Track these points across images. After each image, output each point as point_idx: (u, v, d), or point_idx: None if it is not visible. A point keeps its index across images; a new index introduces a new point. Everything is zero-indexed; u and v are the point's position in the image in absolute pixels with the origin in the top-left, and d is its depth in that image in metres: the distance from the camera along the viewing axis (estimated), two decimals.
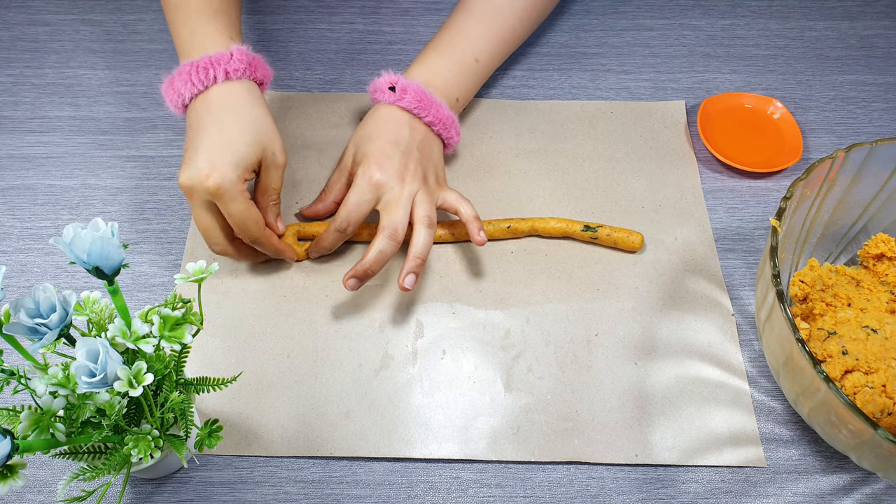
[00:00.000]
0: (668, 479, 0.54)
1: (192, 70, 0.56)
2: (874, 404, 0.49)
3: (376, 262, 0.57)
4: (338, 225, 0.59)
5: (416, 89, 0.62)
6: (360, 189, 0.58)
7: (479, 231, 0.59)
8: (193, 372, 0.57)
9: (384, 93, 0.62)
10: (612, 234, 0.63)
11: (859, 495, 0.54)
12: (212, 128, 0.55)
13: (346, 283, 0.58)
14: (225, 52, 0.56)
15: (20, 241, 0.64)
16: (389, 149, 0.60)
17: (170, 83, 0.58)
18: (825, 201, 0.58)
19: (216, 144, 0.54)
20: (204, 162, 0.53)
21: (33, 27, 0.80)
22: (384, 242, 0.57)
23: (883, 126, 0.74)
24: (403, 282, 0.57)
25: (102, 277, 0.40)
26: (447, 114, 0.63)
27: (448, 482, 0.54)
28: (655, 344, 0.60)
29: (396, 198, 0.58)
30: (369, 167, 0.59)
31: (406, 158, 0.60)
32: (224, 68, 0.56)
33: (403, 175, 0.59)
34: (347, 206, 0.59)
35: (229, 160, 0.54)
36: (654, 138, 0.72)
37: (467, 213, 0.60)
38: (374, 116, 0.63)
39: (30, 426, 0.39)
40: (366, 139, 0.61)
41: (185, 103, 0.57)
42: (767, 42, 0.81)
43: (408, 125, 0.62)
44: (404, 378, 0.58)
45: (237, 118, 0.55)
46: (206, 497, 0.53)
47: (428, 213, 0.59)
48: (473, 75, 0.68)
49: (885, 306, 0.56)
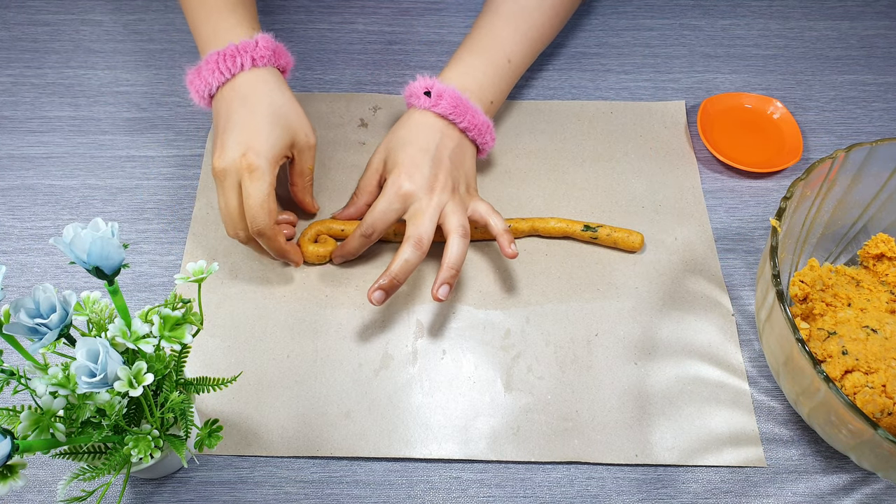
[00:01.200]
0: (668, 479, 0.54)
1: (220, 59, 0.57)
2: (874, 404, 0.49)
3: (402, 271, 0.57)
4: (363, 230, 0.59)
5: (451, 95, 0.61)
6: (389, 198, 0.58)
7: (509, 244, 0.59)
8: (193, 372, 0.57)
9: (419, 98, 0.62)
10: (612, 233, 0.63)
11: (859, 495, 0.54)
12: (242, 112, 0.56)
13: (371, 296, 0.56)
14: (250, 41, 0.58)
15: (20, 241, 0.64)
16: (420, 157, 0.59)
17: (196, 73, 0.59)
18: (825, 201, 0.58)
19: (249, 128, 0.56)
20: (239, 144, 0.55)
21: (33, 27, 0.80)
22: (409, 252, 0.57)
23: (883, 126, 0.74)
24: (437, 292, 0.57)
25: (102, 277, 0.40)
26: (482, 119, 0.63)
27: (448, 482, 0.54)
28: (655, 344, 0.60)
29: (424, 208, 0.58)
30: (399, 176, 0.59)
31: (436, 168, 0.60)
32: (251, 55, 0.57)
33: (433, 185, 0.59)
34: (374, 213, 0.59)
35: (263, 142, 0.56)
36: (654, 138, 0.72)
37: (497, 227, 0.60)
38: (407, 122, 0.62)
39: (30, 426, 0.39)
40: (398, 145, 0.61)
41: (212, 93, 0.59)
42: (767, 42, 0.81)
43: (440, 132, 0.61)
44: (404, 378, 0.58)
45: (266, 103, 0.57)
46: (206, 497, 0.53)
47: (461, 222, 0.58)
48: (506, 77, 0.67)
49: (885, 306, 0.56)
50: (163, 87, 0.75)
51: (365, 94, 0.75)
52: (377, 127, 0.72)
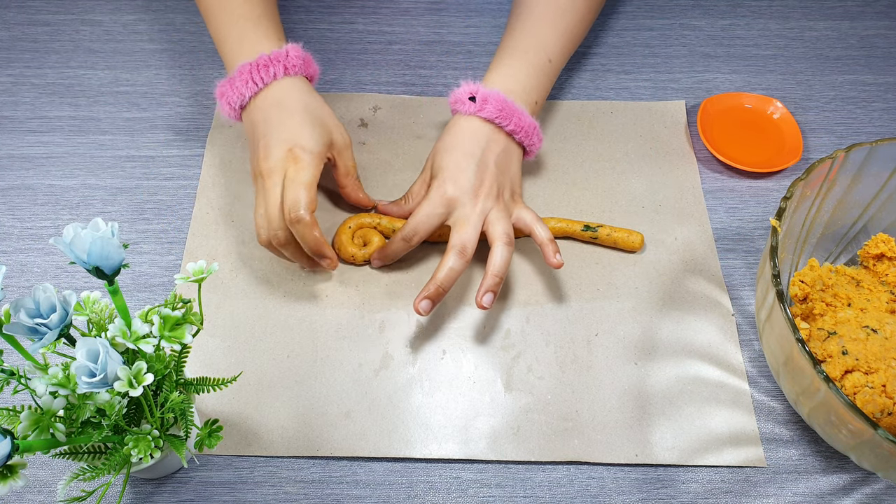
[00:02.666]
0: (668, 479, 0.54)
1: (252, 69, 0.58)
2: (874, 404, 0.49)
3: (447, 279, 0.57)
4: (405, 234, 0.59)
5: (496, 98, 0.61)
6: (433, 202, 0.58)
7: (554, 254, 0.58)
8: (193, 372, 0.57)
9: (464, 104, 0.62)
10: (612, 233, 0.63)
11: (859, 495, 0.54)
12: (281, 116, 0.58)
13: (417, 305, 0.56)
14: (281, 51, 0.59)
15: (20, 241, 0.64)
16: (465, 162, 0.59)
17: (229, 85, 0.59)
18: (825, 201, 0.58)
19: (291, 129, 0.57)
20: (284, 142, 0.56)
21: (33, 27, 0.80)
22: (454, 260, 0.57)
23: (883, 126, 0.74)
24: (482, 300, 0.56)
25: (102, 277, 0.40)
26: (529, 121, 0.62)
27: (448, 482, 0.54)
28: (655, 344, 0.60)
29: (468, 215, 0.58)
30: (444, 182, 0.59)
31: (482, 173, 0.59)
32: (283, 64, 0.59)
33: (478, 191, 0.59)
34: (417, 217, 0.59)
35: (307, 139, 0.57)
36: (654, 138, 0.72)
37: (542, 236, 0.59)
38: (453, 128, 0.62)
39: (30, 426, 0.39)
40: (443, 151, 0.61)
41: (244, 104, 0.59)
42: (767, 42, 0.81)
43: (486, 137, 0.61)
44: (404, 378, 0.58)
45: (302, 106, 0.58)
46: (206, 497, 0.53)
47: (506, 230, 0.58)
48: (548, 76, 0.67)
49: (885, 306, 0.56)
50: (163, 87, 0.75)
51: (365, 94, 0.75)
52: (377, 127, 0.72)
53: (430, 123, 0.73)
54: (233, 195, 0.67)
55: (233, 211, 0.66)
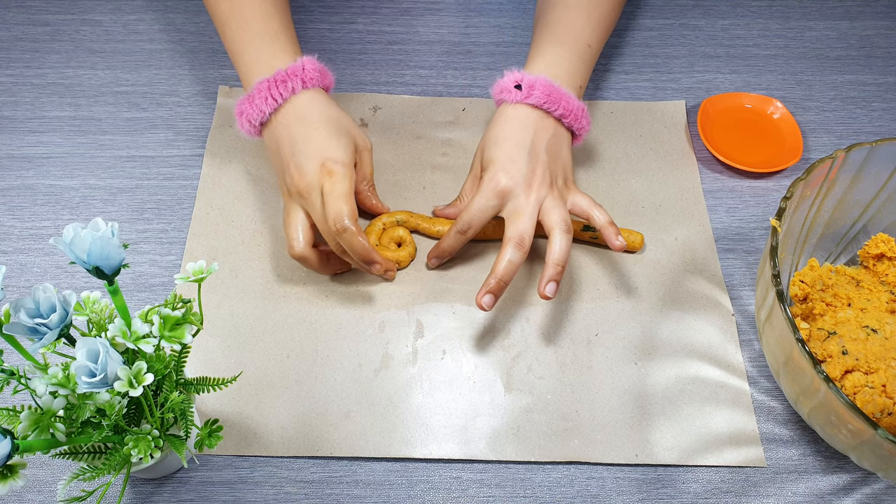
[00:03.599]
0: (668, 479, 0.54)
1: (271, 85, 0.58)
2: (874, 404, 0.49)
3: (507, 272, 0.56)
4: (459, 227, 0.59)
5: (543, 83, 0.60)
6: (486, 195, 0.58)
7: (616, 236, 0.58)
8: (193, 372, 0.57)
9: (511, 92, 0.61)
10: None
11: (859, 495, 0.54)
12: (306, 130, 0.58)
13: (480, 301, 0.56)
14: (297, 65, 0.59)
15: (20, 241, 0.64)
16: (516, 152, 0.59)
17: (249, 102, 0.59)
18: (825, 201, 0.58)
19: (319, 142, 0.57)
20: (315, 159, 0.56)
21: (33, 27, 0.80)
22: (512, 252, 0.56)
23: (883, 126, 0.74)
24: (545, 290, 0.56)
25: (102, 277, 0.40)
26: (577, 104, 0.62)
27: (448, 482, 0.54)
28: (655, 344, 0.60)
29: (522, 206, 0.57)
30: (496, 173, 0.58)
31: (533, 162, 0.59)
32: (301, 78, 0.59)
33: (531, 181, 0.58)
34: (471, 210, 0.58)
35: (336, 150, 0.57)
36: (654, 138, 0.72)
37: (601, 220, 0.59)
38: (500, 118, 0.61)
39: (30, 426, 0.39)
40: (492, 143, 0.60)
41: (264, 121, 0.59)
42: (767, 42, 0.81)
43: (535, 125, 0.60)
44: (404, 378, 0.58)
45: (325, 118, 0.58)
46: (206, 497, 0.53)
47: (563, 217, 0.57)
48: (589, 62, 0.66)
49: (885, 306, 0.56)
50: (163, 87, 0.75)
51: (365, 94, 0.75)
52: (377, 127, 0.72)
53: (430, 123, 0.73)
54: (233, 195, 0.67)
55: (233, 211, 0.66)
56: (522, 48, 0.79)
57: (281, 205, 0.66)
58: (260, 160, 0.69)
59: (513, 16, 0.83)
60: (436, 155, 0.70)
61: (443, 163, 0.70)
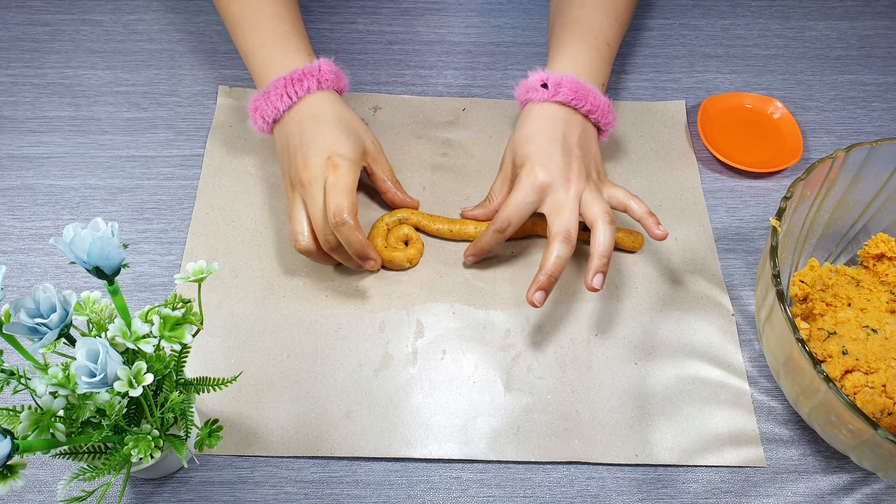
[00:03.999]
0: (668, 479, 0.54)
1: (287, 84, 0.59)
2: (874, 404, 0.49)
3: (557, 267, 0.56)
4: (498, 225, 0.59)
5: (570, 81, 0.60)
6: (524, 191, 0.58)
7: (657, 226, 0.58)
8: (193, 372, 0.57)
9: (537, 91, 0.61)
10: None
11: (859, 495, 0.54)
12: (317, 127, 0.59)
13: (531, 298, 0.55)
14: (314, 65, 0.61)
15: (20, 241, 0.64)
16: (550, 148, 0.59)
17: (263, 99, 0.60)
18: (825, 201, 0.58)
19: (328, 138, 0.58)
20: (322, 152, 0.57)
21: (33, 27, 0.80)
22: (561, 248, 0.56)
23: (883, 126, 0.74)
24: (592, 281, 0.56)
25: (102, 277, 0.40)
26: (603, 100, 0.62)
27: (448, 482, 0.54)
28: (655, 344, 0.60)
29: (563, 200, 0.58)
30: (533, 168, 0.58)
31: (568, 157, 0.59)
32: (316, 79, 0.60)
33: (568, 175, 0.58)
34: (509, 207, 0.58)
35: (343, 147, 0.58)
36: (654, 138, 0.72)
37: (640, 210, 0.59)
38: (529, 117, 0.62)
39: (30, 426, 0.39)
40: (524, 141, 0.60)
41: (277, 118, 0.60)
42: (767, 42, 0.81)
43: (564, 121, 0.60)
44: (404, 378, 0.58)
45: (336, 118, 0.59)
46: (206, 497, 0.53)
47: (604, 209, 0.57)
48: (608, 59, 0.67)
49: (885, 306, 0.56)
50: (163, 87, 0.75)
51: (365, 94, 0.75)
52: (377, 127, 0.72)
53: (431, 123, 0.73)
54: (233, 195, 0.67)
55: (233, 211, 0.66)
56: (522, 48, 0.79)
57: (281, 205, 0.66)
58: (260, 160, 0.69)
59: (513, 16, 0.83)
60: (436, 155, 0.70)
61: (443, 163, 0.70)
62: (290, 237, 0.64)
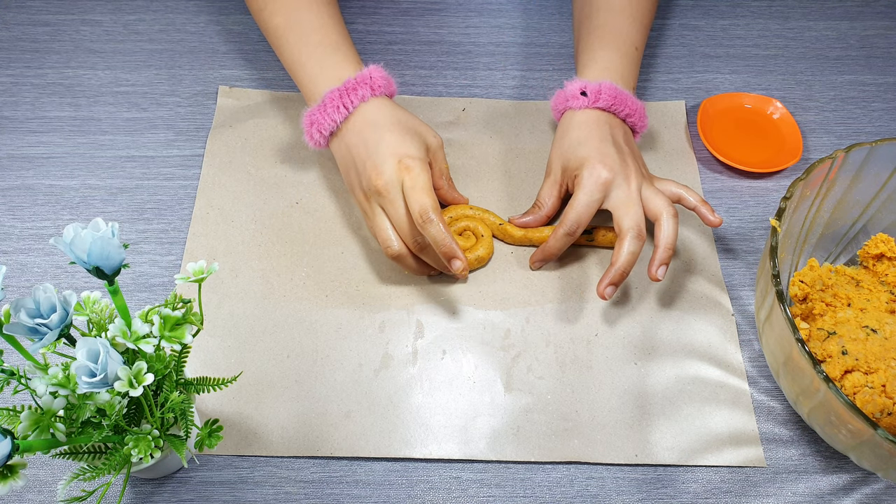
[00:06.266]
0: (668, 479, 0.54)
1: (342, 94, 0.60)
2: (874, 404, 0.49)
3: (628, 263, 0.57)
4: (568, 228, 0.59)
5: (608, 87, 0.62)
6: (590, 190, 0.59)
7: (713, 213, 0.60)
8: (193, 372, 0.57)
9: (577, 99, 0.63)
10: (607, 234, 0.63)
11: (859, 495, 0.54)
12: (379, 133, 0.58)
13: (602, 291, 0.57)
14: (365, 73, 0.61)
15: (20, 241, 0.64)
16: (605, 147, 0.60)
17: (320, 112, 0.60)
18: (825, 201, 0.58)
19: (393, 143, 0.58)
20: (392, 157, 0.57)
21: (33, 27, 0.80)
22: (633, 243, 0.57)
23: (883, 126, 0.74)
24: (656, 272, 0.57)
25: (102, 277, 0.40)
26: (638, 103, 0.64)
27: (448, 482, 0.54)
28: (655, 344, 0.60)
29: (627, 195, 0.58)
30: (594, 167, 0.59)
31: (622, 154, 0.60)
32: (370, 86, 0.60)
33: (626, 171, 0.59)
34: (577, 209, 0.59)
35: (411, 148, 0.58)
36: (654, 138, 0.72)
37: (693, 200, 0.61)
38: (572, 123, 0.63)
39: (30, 426, 0.39)
40: (576, 145, 0.61)
41: (333, 130, 0.61)
42: (767, 42, 0.81)
43: (608, 124, 0.62)
44: (404, 378, 0.58)
45: (395, 121, 0.59)
46: (206, 497, 0.53)
47: (666, 202, 0.59)
48: (637, 64, 0.68)
49: (885, 306, 0.56)
50: (163, 87, 0.75)
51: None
52: None
53: (430, 123, 0.72)
54: (233, 195, 0.67)
55: (233, 211, 0.66)
56: (522, 48, 0.79)
57: (278, 206, 0.66)
58: (260, 160, 0.69)
59: (513, 16, 0.83)
60: None
61: None
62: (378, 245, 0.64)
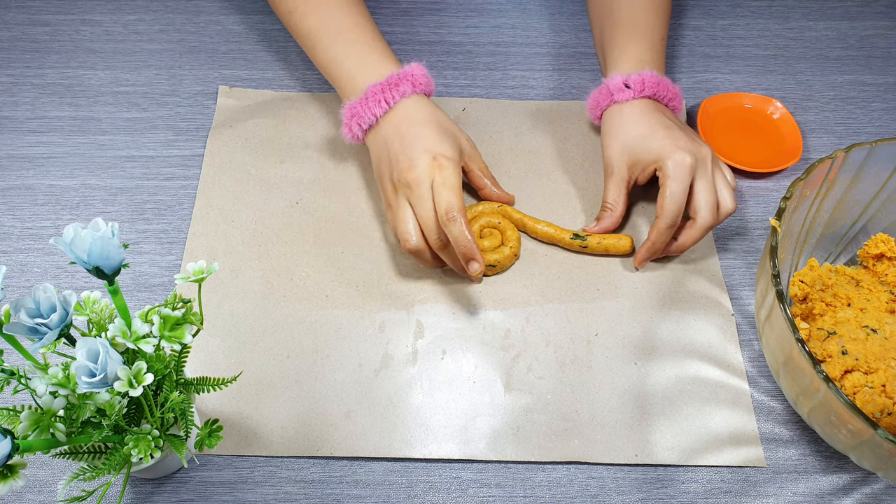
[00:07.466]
0: (668, 479, 0.54)
1: (385, 88, 0.61)
2: (874, 404, 0.49)
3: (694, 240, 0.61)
4: (670, 221, 0.60)
5: (649, 76, 0.64)
6: (680, 178, 0.59)
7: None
8: (193, 372, 0.57)
9: (622, 91, 0.64)
10: (602, 241, 0.63)
11: (859, 495, 0.54)
12: (416, 129, 0.59)
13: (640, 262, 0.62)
14: (408, 70, 0.62)
15: (20, 241, 0.64)
16: (673, 133, 0.61)
17: (361, 105, 0.61)
18: (825, 201, 0.58)
19: (429, 140, 0.59)
20: (426, 152, 0.58)
21: (33, 27, 0.80)
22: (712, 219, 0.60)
23: (883, 126, 0.74)
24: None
25: (102, 277, 0.40)
26: (675, 89, 0.66)
27: (448, 482, 0.54)
28: (655, 344, 0.60)
29: (707, 175, 0.60)
30: (674, 154, 0.59)
31: (689, 135, 0.62)
32: (411, 83, 0.61)
33: (698, 151, 0.60)
34: (674, 199, 0.59)
35: (446, 148, 0.59)
36: None
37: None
38: (625, 116, 0.64)
39: (30, 426, 0.39)
40: (641, 138, 0.62)
41: (372, 124, 0.61)
42: (767, 42, 0.81)
43: (657, 109, 0.64)
44: (404, 378, 0.58)
45: (432, 119, 0.61)
46: (206, 497, 0.53)
47: (728, 175, 0.62)
48: (663, 53, 0.70)
49: (885, 306, 0.56)
50: (163, 87, 0.75)
51: None
52: None
53: None
54: (233, 195, 0.67)
55: (233, 211, 0.66)
56: (522, 48, 0.79)
57: (278, 206, 0.66)
58: (260, 160, 0.69)
59: (512, 16, 0.83)
60: None
61: None
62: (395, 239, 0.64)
